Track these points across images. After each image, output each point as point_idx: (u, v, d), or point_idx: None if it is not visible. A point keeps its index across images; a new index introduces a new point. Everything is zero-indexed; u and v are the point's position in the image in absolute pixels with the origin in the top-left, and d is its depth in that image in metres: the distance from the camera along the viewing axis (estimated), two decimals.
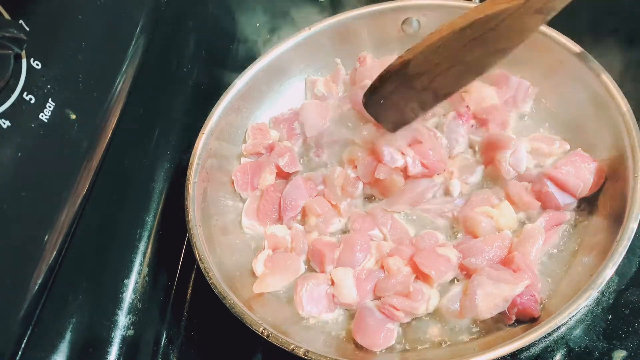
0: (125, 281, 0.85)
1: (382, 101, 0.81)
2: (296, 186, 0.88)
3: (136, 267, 0.87)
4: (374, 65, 0.98)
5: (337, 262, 0.81)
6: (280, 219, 0.89)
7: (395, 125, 0.85)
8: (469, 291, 0.73)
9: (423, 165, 0.84)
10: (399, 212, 0.86)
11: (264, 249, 0.86)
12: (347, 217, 0.87)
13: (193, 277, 0.90)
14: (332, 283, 0.80)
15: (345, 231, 0.87)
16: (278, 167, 0.92)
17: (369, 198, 0.89)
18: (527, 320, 0.72)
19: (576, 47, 0.85)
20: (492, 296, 0.72)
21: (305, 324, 0.79)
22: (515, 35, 0.74)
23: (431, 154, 0.84)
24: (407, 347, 0.75)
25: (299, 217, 0.89)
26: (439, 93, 0.80)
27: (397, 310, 0.74)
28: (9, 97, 0.67)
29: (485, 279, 0.73)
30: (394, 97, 0.81)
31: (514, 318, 0.72)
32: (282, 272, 0.83)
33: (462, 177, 0.86)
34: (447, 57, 0.75)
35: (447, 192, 0.86)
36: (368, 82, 0.95)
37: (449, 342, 0.74)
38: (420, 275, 0.77)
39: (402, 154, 0.84)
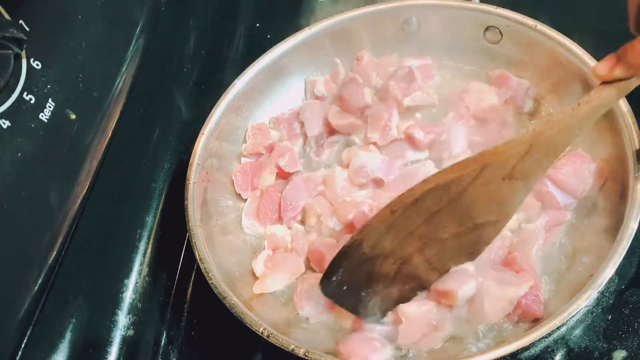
0: (125, 281, 0.85)
1: (344, 288, 0.70)
2: (296, 186, 0.88)
3: (136, 267, 0.87)
4: (372, 63, 0.98)
5: None
6: (280, 219, 0.89)
7: (382, 313, 0.74)
8: (475, 298, 0.73)
9: None
10: None
11: (264, 249, 0.86)
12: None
13: (193, 277, 0.90)
14: None
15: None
16: (278, 167, 0.91)
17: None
18: (530, 320, 0.72)
19: (576, 47, 0.85)
20: (498, 300, 0.71)
21: (305, 324, 0.79)
22: (494, 207, 0.66)
23: None
24: (407, 347, 0.75)
25: (299, 217, 0.89)
26: (424, 277, 0.71)
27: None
28: (9, 97, 0.67)
29: (490, 283, 0.73)
30: (356, 283, 0.70)
31: (516, 319, 0.72)
32: (282, 272, 0.83)
33: None
34: (408, 236, 0.66)
35: None
36: (356, 77, 0.96)
37: (448, 342, 0.74)
38: (442, 297, 0.74)
39: None
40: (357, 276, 0.70)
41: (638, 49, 0.61)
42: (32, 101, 0.70)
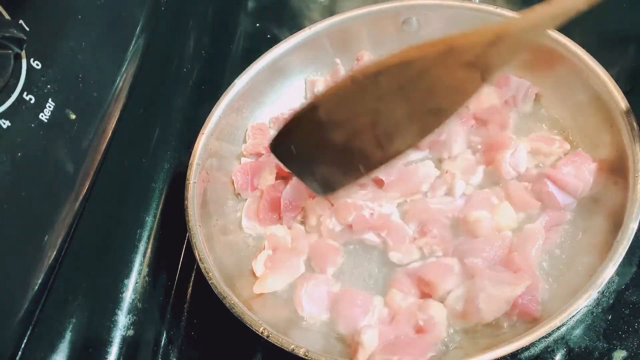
0: (125, 281, 0.85)
1: (292, 149, 0.72)
2: (296, 186, 0.88)
3: (136, 267, 0.87)
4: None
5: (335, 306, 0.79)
6: (280, 219, 0.89)
7: (324, 188, 0.77)
8: (471, 296, 0.73)
9: None
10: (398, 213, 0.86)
11: (264, 249, 0.86)
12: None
13: (193, 277, 0.90)
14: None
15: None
16: (278, 167, 0.91)
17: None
18: (528, 320, 0.72)
19: (576, 47, 0.85)
20: (495, 298, 0.72)
21: (306, 324, 0.79)
22: (451, 93, 0.67)
23: None
24: None
25: (299, 218, 0.89)
26: (371, 155, 0.72)
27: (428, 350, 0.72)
28: (9, 97, 0.67)
29: (487, 282, 0.73)
30: (304, 147, 0.72)
31: (514, 319, 0.72)
32: (282, 272, 0.82)
33: (464, 178, 0.86)
34: (364, 108, 0.67)
35: (448, 192, 0.86)
36: None
37: (448, 344, 0.74)
38: (426, 287, 0.77)
39: None
40: (306, 140, 0.71)
41: None
42: (32, 101, 0.70)
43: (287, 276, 0.83)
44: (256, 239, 0.89)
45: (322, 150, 0.72)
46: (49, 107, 0.72)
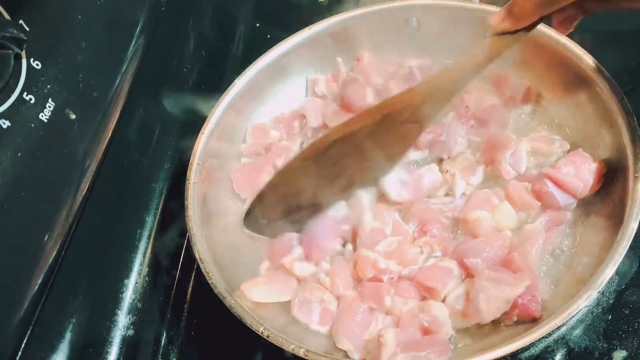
0: (125, 281, 0.85)
1: (264, 222, 0.80)
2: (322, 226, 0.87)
3: (136, 267, 0.87)
4: (372, 63, 0.98)
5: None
6: None
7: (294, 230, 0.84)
8: (471, 296, 0.73)
9: None
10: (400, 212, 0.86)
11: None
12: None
13: (193, 277, 0.90)
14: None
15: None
16: (276, 168, 0.91)
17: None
18: (528, 320, 0.72)
19: (576, 47, 0.85)
20: (494, 299, 0.72)
21: (306, 324, 0.79)
22: (394, 145, 0.76)
23: None
24: None
25: (327, 258, 0.85)
26: (330, 203, 0.81)
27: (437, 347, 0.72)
28: (9, 97, 0.67)
29: (486, 282, 0.73)
30: (273, 217, 0.79)
31: (514, 319, 0.72)
32: (277, 287, 0.80)
33: (464, 178, 0.86)
34: (319, 175, 0.75)
35: (448, 192, 0.86)
36: (358, 77, 0.96)
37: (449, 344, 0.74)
38: (427, 292, 0.77)
39: None
40: (274, 212, 0.79)
41: (521, 2, 0.66)
42: (32, 101, 0.70)
43: (281, 293, 0.81)
44: (256, 239, 0.89)
45: (289, 214, 0.80)
46: (49, 107, 0.72)
